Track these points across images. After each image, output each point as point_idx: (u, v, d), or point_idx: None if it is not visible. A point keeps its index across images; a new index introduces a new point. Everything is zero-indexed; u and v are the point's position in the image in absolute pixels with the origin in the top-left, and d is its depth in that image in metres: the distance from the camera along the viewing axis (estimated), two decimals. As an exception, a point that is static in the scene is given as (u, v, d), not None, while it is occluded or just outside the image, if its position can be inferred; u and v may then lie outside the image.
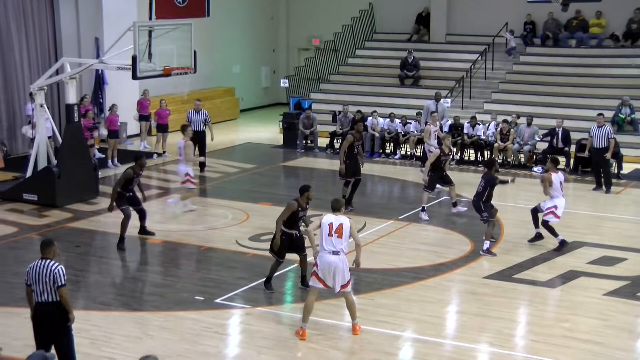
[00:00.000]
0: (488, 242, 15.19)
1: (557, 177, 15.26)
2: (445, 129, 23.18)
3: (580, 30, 27.95)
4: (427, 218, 17.16)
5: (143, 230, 15.97)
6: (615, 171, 21.23)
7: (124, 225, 15.29)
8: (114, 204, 15.22)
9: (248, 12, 32.54)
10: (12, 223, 16.83)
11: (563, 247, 15.19)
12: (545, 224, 15.33)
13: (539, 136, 22.52)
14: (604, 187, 19.96)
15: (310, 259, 12.46)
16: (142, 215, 15.84)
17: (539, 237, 15.53)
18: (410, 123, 24.05)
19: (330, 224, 11.20)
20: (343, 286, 11.34)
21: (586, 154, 20.89)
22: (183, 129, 18.32)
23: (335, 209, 11.42)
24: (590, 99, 25.23)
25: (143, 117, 24.57)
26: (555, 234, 15.28)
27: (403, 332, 11.66)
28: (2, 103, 22.87)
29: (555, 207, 15.23)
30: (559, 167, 16.07)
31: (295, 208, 12.60)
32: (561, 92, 26.07)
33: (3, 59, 22.86)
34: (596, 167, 20.48)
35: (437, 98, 23.05)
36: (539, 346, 11.17)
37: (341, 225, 11.17)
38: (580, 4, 27.33)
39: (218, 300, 12.60)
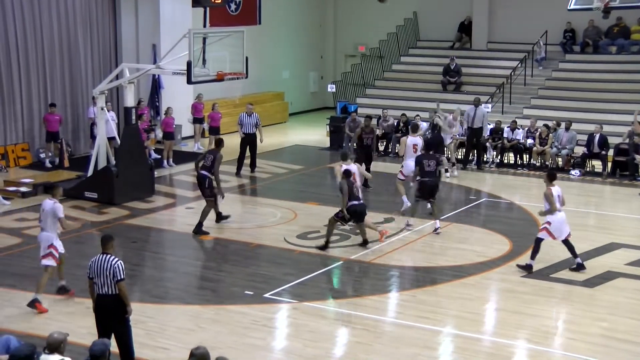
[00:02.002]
0: (438, 222, 16.11)
1: (555, 190, 13.78)
2: (487, 133, 22.97)
3: (621, 37, 27.36)
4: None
5: (220, 216, 16.55)
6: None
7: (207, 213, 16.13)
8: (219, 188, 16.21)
9: (297, 20, 32.59)
10: (74, 219, 16.97)
11: (527, 270, 13.69)
12: (537, 241, 13.80)
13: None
14: None
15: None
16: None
17: (580, 267, 13.88)
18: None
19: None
20: None
21: None
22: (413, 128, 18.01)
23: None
24: (631, 105, 24.69)
25: (197, 120, 24.72)
26: (533, 254, 13.73)
27: (443, 328, 11.58)
28: (68, 106, 23.22)
29: (549, 222, 13.70)
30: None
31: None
32: (600, 98, 25.60)
33: (70, 65, 23.21)
34: None
35: (475, 103, 22.79)
36: (576, 344, 11.00)
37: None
38: (622, 10, 26.78)
39: (266, 295, 12.62)
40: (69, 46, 23.08)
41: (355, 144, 19.23)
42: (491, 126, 23.30)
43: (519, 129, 22.97)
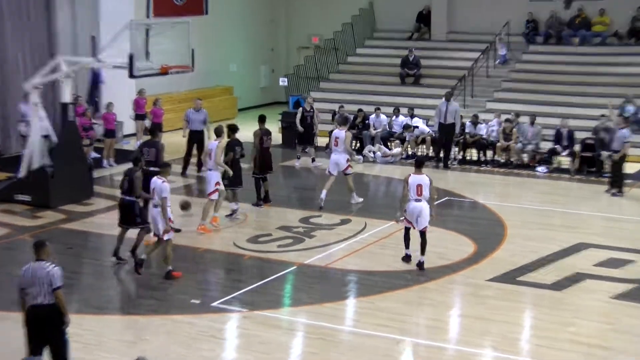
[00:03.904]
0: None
1: (415, 179, 13.83)
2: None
3: (583, 28, 27.72)
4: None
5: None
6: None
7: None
8: None
9: (247, 10, 32.36)
10: (4, 224, 16.65)
11: (405, 261, 14.23)
12: (405, 230, 14.20)
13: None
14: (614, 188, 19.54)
15: None
16: None
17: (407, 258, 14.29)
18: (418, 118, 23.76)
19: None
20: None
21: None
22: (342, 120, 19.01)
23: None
24: (594, 98, 24.99)
25: (139, 117, 24.24)
26: (406, 245, 14.22)
27: (404, 337, 11.46)
28: (-1, 102, 22.67)
29: (405, 210, 14.00)
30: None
31: None
32: (565, 91, 25.85)
33: (-1, 58, 22.67)
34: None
35: (447, 97, 22.55)
36: (544, 351, 10.99)
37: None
38: (583, 1, 27.15)
39: (215, 304, 12.45)
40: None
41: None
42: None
43: (481, 123, 22.98)
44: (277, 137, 26.21)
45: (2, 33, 22.64)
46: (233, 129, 17.15)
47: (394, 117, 24.16)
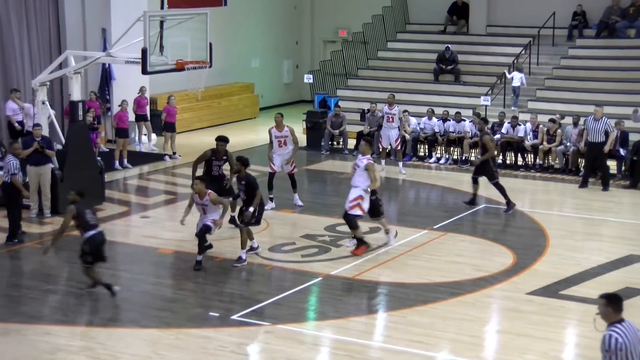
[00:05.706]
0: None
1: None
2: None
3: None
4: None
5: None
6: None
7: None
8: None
9: (269, 0, 32.62)
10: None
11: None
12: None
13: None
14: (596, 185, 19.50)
15: None
16: None
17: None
18: (450, 121, 23.83)
19: None
20: None
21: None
22: None
23: None
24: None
25: (140, 117, 24.43)
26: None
27: (438, 353, 11.62)
28: (2, 100, 22.99)
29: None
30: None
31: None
32: (617, 89, 25.75)
33: (2, 53, 22.93)
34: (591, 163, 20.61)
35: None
36: (590, 371, 11.09)
37: None
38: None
39: (235, 317, 12.60)
40: (-1, 30, 22.86)
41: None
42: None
43: (520, 125, 22.95)
44: (301, 138, 26.47)
45: (7, 27, 22.94)
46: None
47: (425, 119, 24.21)
